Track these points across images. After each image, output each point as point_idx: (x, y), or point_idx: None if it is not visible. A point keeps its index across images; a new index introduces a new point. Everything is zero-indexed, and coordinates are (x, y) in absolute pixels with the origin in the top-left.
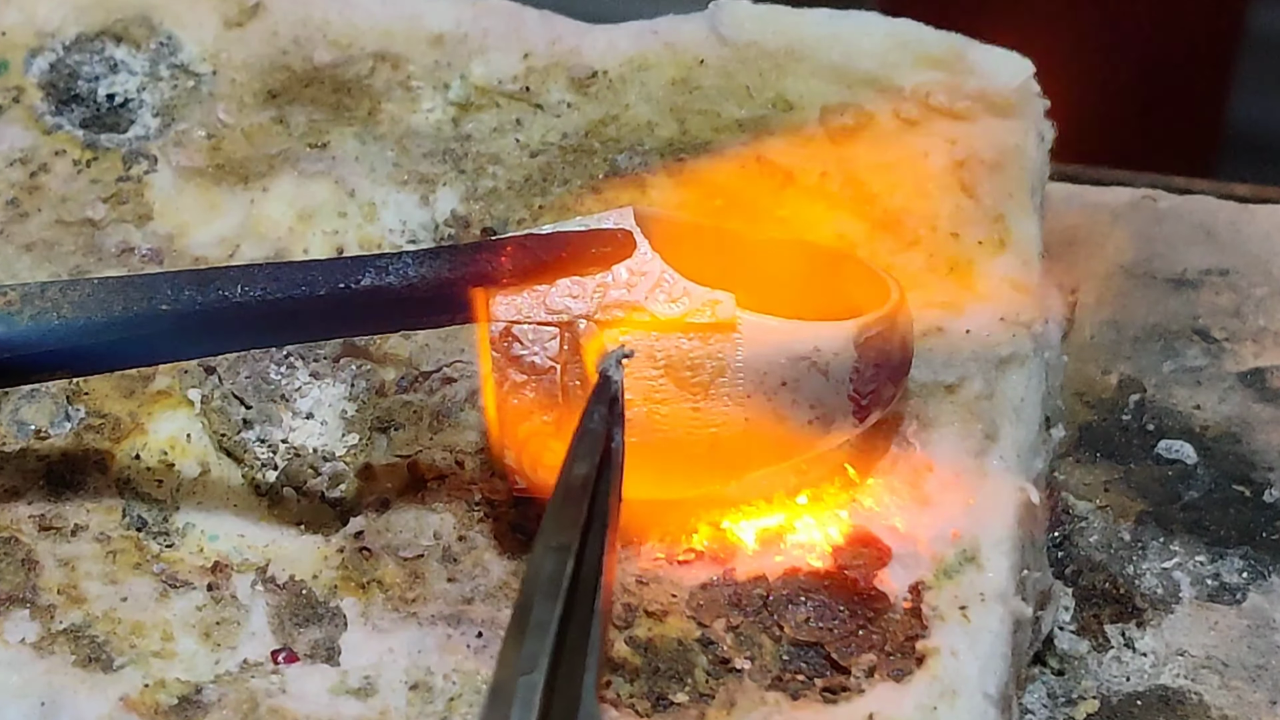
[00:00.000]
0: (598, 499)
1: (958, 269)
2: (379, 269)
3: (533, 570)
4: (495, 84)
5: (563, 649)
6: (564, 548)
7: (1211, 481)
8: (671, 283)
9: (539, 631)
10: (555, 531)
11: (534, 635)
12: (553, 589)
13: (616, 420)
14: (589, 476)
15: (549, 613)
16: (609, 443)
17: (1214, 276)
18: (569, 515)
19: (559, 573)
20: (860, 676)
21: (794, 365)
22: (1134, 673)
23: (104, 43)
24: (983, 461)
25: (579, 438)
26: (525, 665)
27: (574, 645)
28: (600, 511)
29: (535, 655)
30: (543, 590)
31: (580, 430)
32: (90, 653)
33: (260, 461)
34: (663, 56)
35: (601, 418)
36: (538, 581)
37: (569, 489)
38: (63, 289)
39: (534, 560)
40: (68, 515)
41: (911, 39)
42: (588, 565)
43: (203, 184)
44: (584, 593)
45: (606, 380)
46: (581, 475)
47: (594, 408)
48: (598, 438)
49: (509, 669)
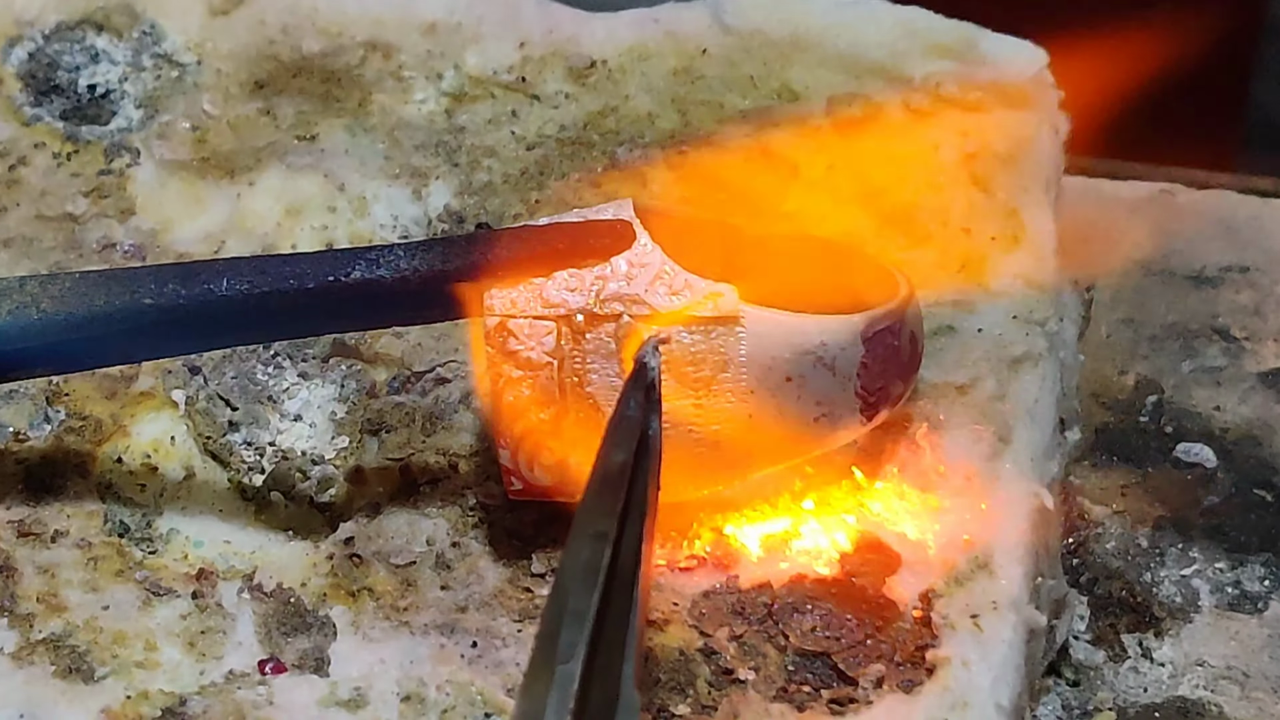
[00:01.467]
0: (635, 487)
1: (969, 266)
2: (370, 262)
3: (570, 558)
4: (490, 74)
5: (600, 639)
6: (602, 535)
7: (1232, 485)
8: (672, 275)
9: (576, 620)
10: (593, 519)
11: (571, 624)
12: (590, 577)
13: (654, 408)
14: (626, 464)
15: (587, 601)
16: (646, 430)
17: (1234, 273)
18: (606, 503)
19: (596, 561)
20: (868, 688)
21: (799, 360)
22: (1152, 684)
23: (85, 31)
24: (995, 465)
25: (615, 425)
26: (564, 655)
27: (612, 635)
28: (638, 500)
29: (573, 644)
30: (580, 578)
31: (617, 417)
32: (71, 663)
33: (247, 465)
34: (664, 45)
35: (638, 405)
36: (575, 569)
37: (606, 476)
38: (42, 283)
39: (571, 548)
40: (47, 521)
41: (921, 27)
42: (625, 553)
43: (187, 178)
44: (622, 582)
45: (643, 367)
46: (619, 462)
47: (630, 395)
48: (634, 425)
49: (546, 658)
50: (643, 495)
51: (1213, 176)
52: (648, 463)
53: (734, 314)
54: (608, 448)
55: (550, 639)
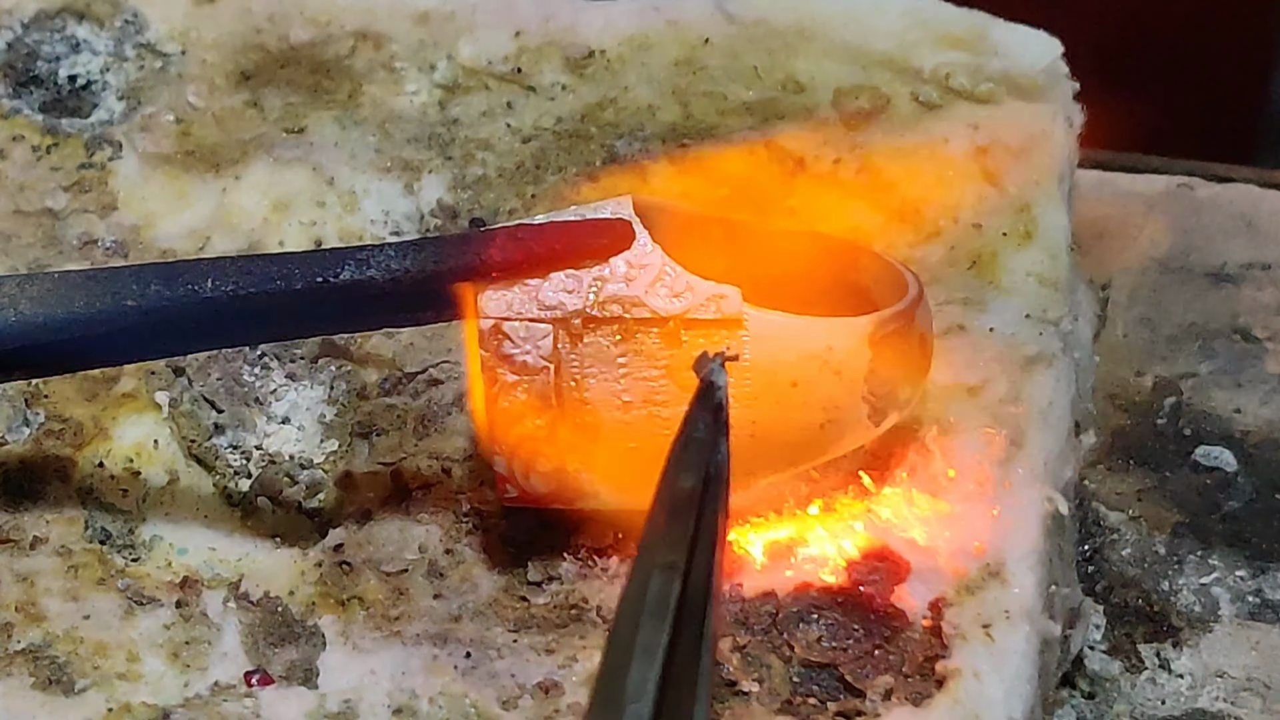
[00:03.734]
0: (704, 514)
1: (981, 262)
2: (360, 262)
3: (636, 590)
4: (484, 64)
5: (669, 677)
6: (672, 566)
7: (1253, 490)
8: (673, 276)
9: (646, 656)
10: (662, 549)
11: (641, 660)
12: (661, 610)
13: (722, 429)
14: (695, 490)
15: (657, 636)
16: (714, 454)
17: (1255, 271)
18: (676, 532)
19: (667, 593)
20: (876, 700)
21: (805, 364)
22: (1170, 695)
23: (65, 20)
24: (1007, 469)
25: (683, 447)
26: (634, 693)
27: (682, 673)
28: (708, 528)
29: (643, 682)
30: (650, 611)
31: (683, 439)
32: (50, 674)
33: (233, 469)
34: (665, 35)
35: (707, 427)
36: (644, 602)
37: (675, 503)
38: (20, 283)
39: (638, 579)
40: (26, 527)
41: (931, 17)
42: (695, 585)
43: (171, 172)
44: (692, 615)
45: (710, 386)
46: (688, 489)
47: (698, 415)
48: (703, 448)
49: (613, 696)
50: (712, 523)
51: (1233, 170)
52: (717, 489)
53: (737, 317)
54: (674, 472)
55: (618, 676)
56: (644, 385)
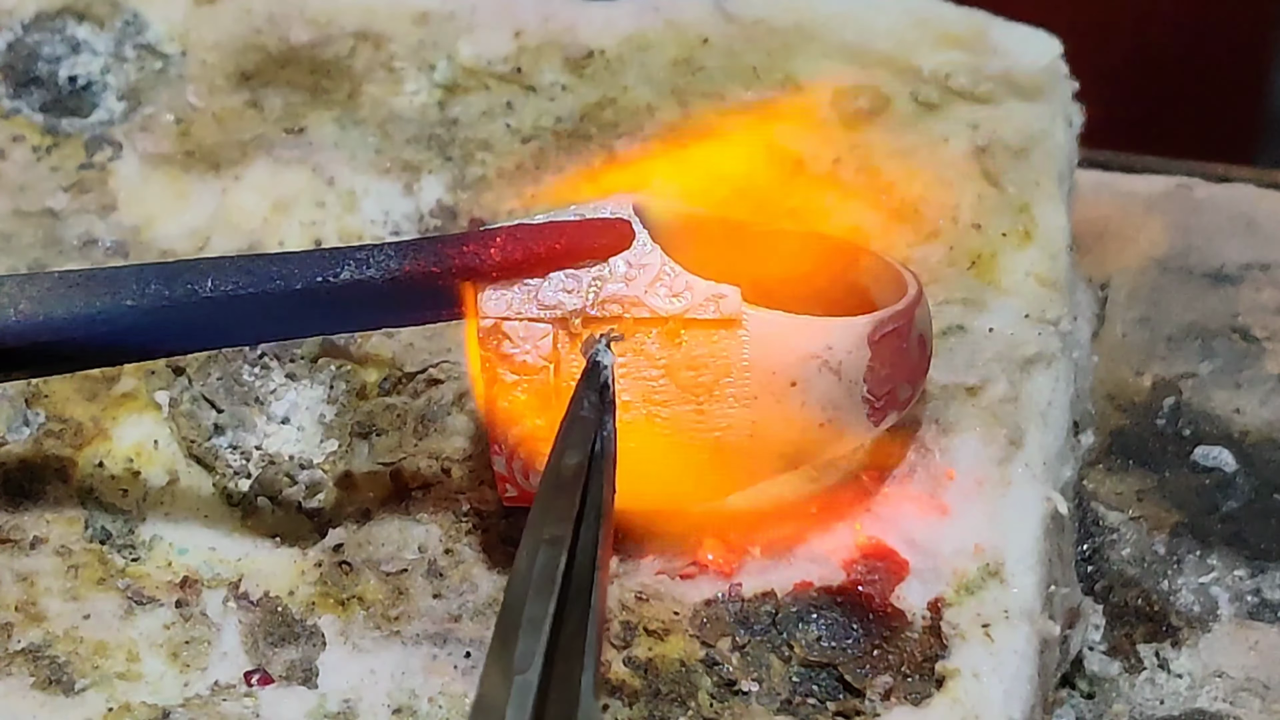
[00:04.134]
0: (590, 490)
1: (980, 263)
2: (359, 261)
3: (523, 565)
4: (484, 65)
5: (557, 648)
6: (557, 541)
7: (1252, 491)
8: (673, 276)
9: (532, 629)
10: (547, 524)
11: (527, 633)
12: (546, 585)
13: (608, 408)
14: (581, 466)
15: (543, 610)
16: (600, 431)
17: (1255, 271)
18: (561, 507)
19: (552, 567)
20: (875, 700)
21: (804, 364)
22: (1169, 695)
23: (65, 21)
24: (1007, 469)
25: (568, 426)
26: (520, 664)
27: (569, 644)
28: (593, 503)
29: (529, 654)
30: (535, 586)
31: (569, 418)
32: (50, 674)
33: (232, 469)
34: (664, 35)
35: (592, 405)
36: (529, 577)
37: (560, 480)
38: (20, 283)
39: (524, 555)
40: (26, 527)
41: (930, 16)
42: (581, 560)
43: (171, 172)
44: (578, 589)
45: (596, 366)
46: (573, 465)
47: (583, 394)
48: (589, 426)
49: (501, 669)
50: (598, 498)
51: (1232, 170)
52: (603, 465)
53: (737, 317)
54: (560, 449)
55: (506, 648)
56: (643, 385)
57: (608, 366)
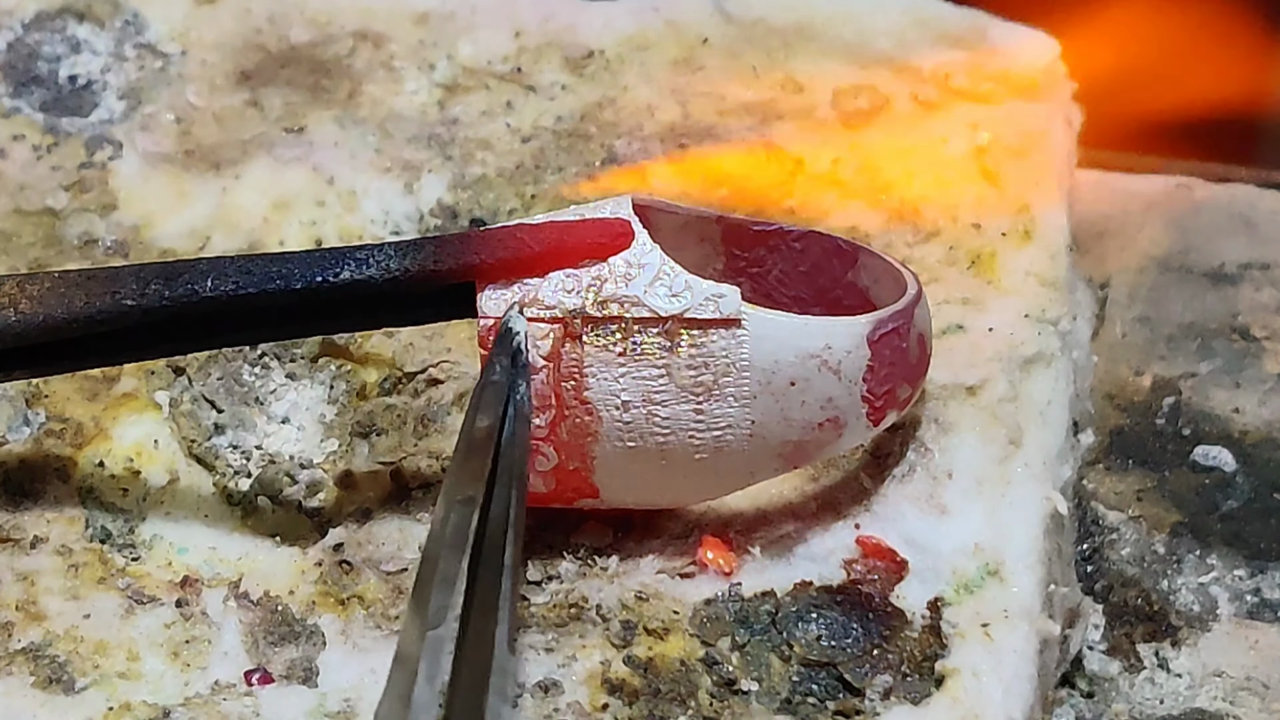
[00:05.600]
0: (502, 452)
1: (980, 262)
2: (359, 261)
3: (437, 525)
4: (484, 64)
5: (472, 603)
6: (469, 500)
7: (1251, 490)
8: (672, 276)
9: (445, 585)
10: (459, 485)
11: (440, 589)
12: (459, 542)
13: (520, 372)
14: (492, 428)
15: (455, 566)
16: (513, 394)
17: (1254, 270)
18: (472, 468)
19: (464, 526)
20: (875, 699)
21: (803, 363)
22: (1168, 695)
23: (65, 20)
24: (1006, 469)
25: (480, 391)
26: (434, 619)
27: (483, 599)
28: (506, 465)
29: (443, 609)
30: (448, 544)
31: (481, 383)
32: (50, 674)
33: (233, 469)
34: (664, 35)
35: (504, 369)
36: (443, 536)
37: (471, 442)
38: (20, 283)
39: (438, 515)
40: (26, 526)
41: (930, 16)
42: (494, 518)
43: (171, 171)
44: (491, 546)
45: (508, 332)
46: (484, 428)
47: (495, 359)
48: (500, 390)
49: (417, 625)
50: (511, 460)
51: (1231, 170)
52: (517, 427)
53: (736, 316)
54: (472, 413)
55: (421, 604)
56: (642, 384)
57: (519, 333)
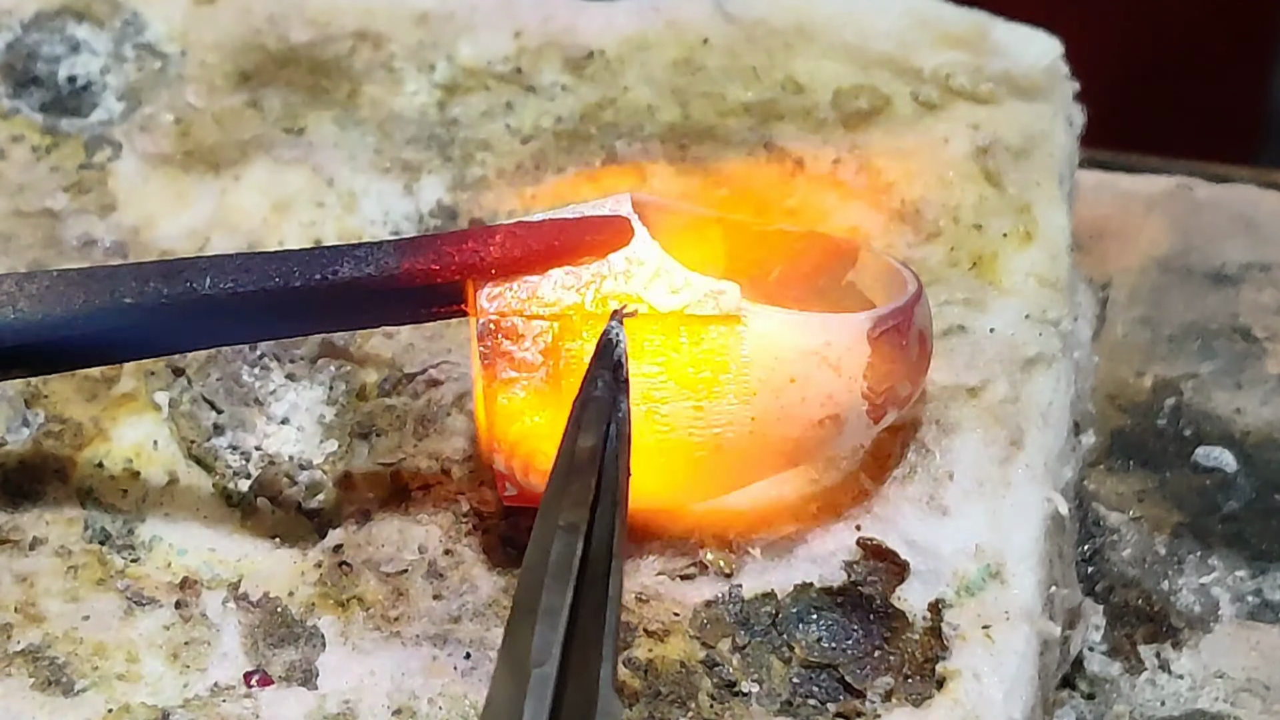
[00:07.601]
0: (605, 473)
1: (981, 263)
2: (358, 259)
3: (538, 552)
4: (484, 65)
5: (574, 638)
6: (573, 527)
7: (1253, 491)
8: (671, 272)
9: (550, 619)
10: (563, 509)
11: (544, 624)
12: (563, 572)
13: (621, 387)
14: (596, 449)
15: (560, 598)
16: (615, 412)
17: (1255, 271)
18: (576, 492)
19: (569, 554)
20: (876, 701)
21: (803, 360)
22: (1169, 696)
23: (65, 21)
24: (1007, 470)
25: (582, 406)
26: (538, 657)
27: (587, 634)
28: (609, 487)
29: (547, 645)
30: (551, 575)
31: (583, 398)
32: (50, 675)
33: (232, 470)
34: (664, 35)
35: (606, 384)
36: (546, 564)
37: (575, 462)
38: (19, 281)
39: (539, 541)
40: (25, 527)
41: (931, 17)
42: (597, 546)
43: (170, 172)
44: (595, 576)
45: (609, 342)
46: (588, 448)
47: (597, 373)
48: (603, 406)
49: (515, 663)
50: (614, 482)
51: (1232, 170)
52: (618, 447)
53: (735, 313)
54: (574, 430)
55: (522, 640)
56: (642, 382)
57: (621, 343)
